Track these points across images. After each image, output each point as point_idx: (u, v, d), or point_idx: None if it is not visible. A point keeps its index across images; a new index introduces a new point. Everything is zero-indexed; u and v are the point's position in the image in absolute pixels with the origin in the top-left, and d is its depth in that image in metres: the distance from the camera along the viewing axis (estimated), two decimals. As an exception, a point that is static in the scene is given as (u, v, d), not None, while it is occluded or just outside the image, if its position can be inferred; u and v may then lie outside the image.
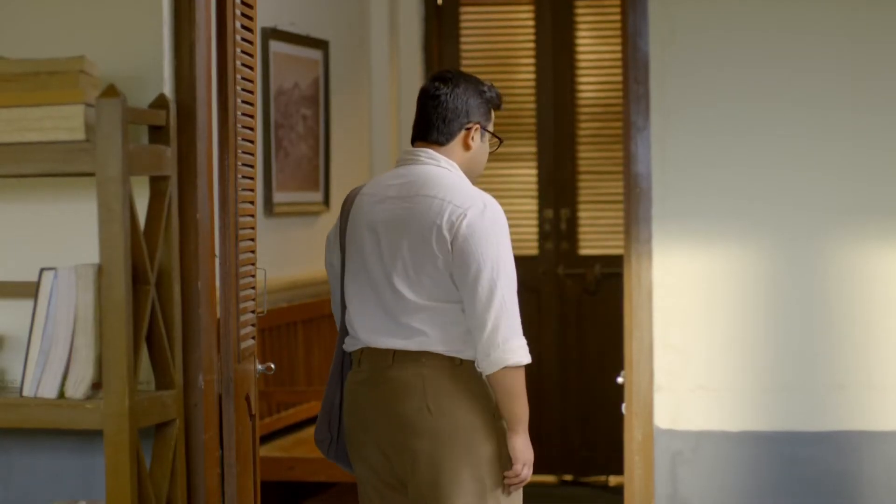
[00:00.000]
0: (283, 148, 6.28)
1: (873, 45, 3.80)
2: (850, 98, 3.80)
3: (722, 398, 3.82)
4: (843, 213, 3.80)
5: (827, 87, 3.75)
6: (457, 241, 3.29)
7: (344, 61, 6.89)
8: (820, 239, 3.77)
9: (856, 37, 3.77)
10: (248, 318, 3.84)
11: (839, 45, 3.73)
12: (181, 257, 3.40)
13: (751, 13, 3.77)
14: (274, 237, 6.16)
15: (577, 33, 7.35)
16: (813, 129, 3.77)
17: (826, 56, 3.75)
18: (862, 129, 3.83)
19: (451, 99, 3.46)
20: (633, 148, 3.47)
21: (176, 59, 3.44)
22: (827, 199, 3.82)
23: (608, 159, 7.31)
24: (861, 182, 3.86)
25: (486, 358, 3.31)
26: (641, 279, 3.56)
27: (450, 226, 3.30)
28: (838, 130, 3.75)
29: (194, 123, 3.41)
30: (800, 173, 3.82)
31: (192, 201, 3.41)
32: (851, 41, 3.74)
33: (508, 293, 3.30)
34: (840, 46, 3.72)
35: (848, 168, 3.77)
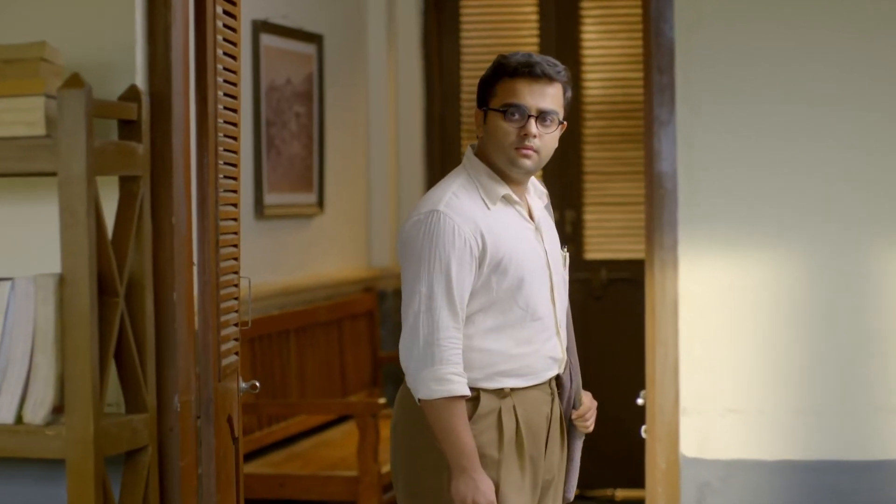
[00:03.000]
0: (275, 147, 6.22)
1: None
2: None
3: (755, 423, 3.55)
4: (890, 223, 3.51)
5: (877, 83, 3.46)
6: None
7: (339, 56, 6.83)
8: (864, 249, 3.54)
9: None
10: (230, 332, 3.64)
11: (887, 38, 3.45)
12: (154, 266, 3.27)
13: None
14: (265, 241, 6.13)
15: (582, 27, 7.25)
16: (860, 126, 3.49)
17: (873, 49, 3.46)
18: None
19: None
20: (655, 144, 3.17)
21: (149, 46, 3.29)
22: (872, 208, 3.55)
23: (615, 159, 7.23)
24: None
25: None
26: (666, 289, 3.28)
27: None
28: (890, 132, 3.47)
29: (169, 117, 3.26)
30: (843, 177, 3.55)
31: (166, 203, 3.26)
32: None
33: (425, 317, 3.18)
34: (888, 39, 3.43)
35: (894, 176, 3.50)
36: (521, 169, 3.28)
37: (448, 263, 3.17)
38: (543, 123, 3.26)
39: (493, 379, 3.27)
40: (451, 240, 3.18)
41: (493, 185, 3.30)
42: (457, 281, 3.19)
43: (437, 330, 3.16)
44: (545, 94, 3.26)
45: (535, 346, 3.30)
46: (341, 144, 6.89)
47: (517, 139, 3.25)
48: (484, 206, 3.27)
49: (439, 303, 3.17)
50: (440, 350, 3.17)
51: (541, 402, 3.35)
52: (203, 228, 3.45)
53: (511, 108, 3.26)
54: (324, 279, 6.67)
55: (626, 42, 7.17)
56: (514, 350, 3.27)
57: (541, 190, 3.47)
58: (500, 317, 3.25)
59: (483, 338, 3.25)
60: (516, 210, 3.33)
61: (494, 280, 3.23)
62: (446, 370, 3.17)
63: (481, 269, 3.22)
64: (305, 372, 6.32)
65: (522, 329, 3.27)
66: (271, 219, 6.21)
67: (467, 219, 3.21)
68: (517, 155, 3.26)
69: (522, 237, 3.31)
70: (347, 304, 6.78)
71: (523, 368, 3.30)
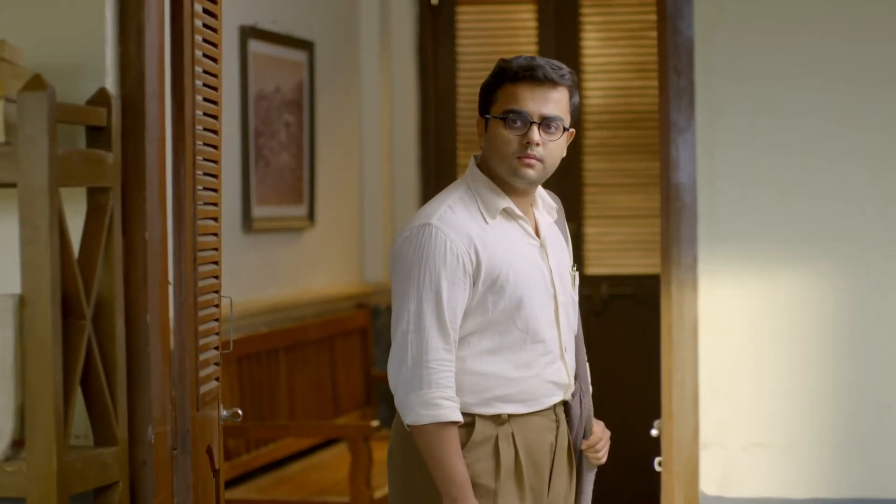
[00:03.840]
0: (264, 157, 6.21)
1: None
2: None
3: (783, 457, 3.33)
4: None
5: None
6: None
7: (330, 63, 6.81)
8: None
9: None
10: (210, 356, 3.47)
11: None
12: (126, 285, 3.11)
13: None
14: (253, 256, 6.10)
15: (582, 34, 7.23)
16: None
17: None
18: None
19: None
20: (672, 153, 2.96)
21: (120, 46, 3.11)
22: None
23: (617, 171, 7.21)
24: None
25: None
26: (684, 311, 3.07)
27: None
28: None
29: (142, 123, 3.10)
30: (879, 193, 3.32)
31: (139, 217, 3.11)
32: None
33: (414, 337, 3.13)
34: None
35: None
36: (524, 179, 3.20)
37: (438, 280, 3.11)
38: (547, 131, 3.19)
39: (489, 404, 3.19)
40: (443, 255, 3.12)
41: (493, 197, 3.23)
42: (448, 299, 3.12)
43: (426, 351, 3.10)
44: (548, 99, 3.19)
45: (536, 371, 3.22)
46: (333, 155, 6.86)
47: (519, 148, 3.18)
48: (482, 219, 3.20)
49: (428, 322, 3.11)
50: (429, 373, 3.10)
51: (543, 430, 3.27)
52: (179, 244, 3.30)
53: (512, 115, 3.18)
54: (314, 295, 6.66)
55: (627, 49, 7.20)
56: (512, 374, 3.19)
57: (550, 204, 3.37)
58: (498, 338, 3.18)
59: (478, 360, 3.18)
60: (519, 225, 3.25)
61: (490, 299, 3.16)
62: (435, 394, 3.10)
63: (476, 287, 3.15)
64: (295, 392, 6.28)
65: (522, 352, 3.20)
66: (260, 233, 6.19)
67: (461, 233, 3.15)
68: (519, 165, 3.19)
69: (524, 254, 3.23)
70: (339, 321, 6.75)
71: (522, 393, 3.21)
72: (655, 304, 7.58)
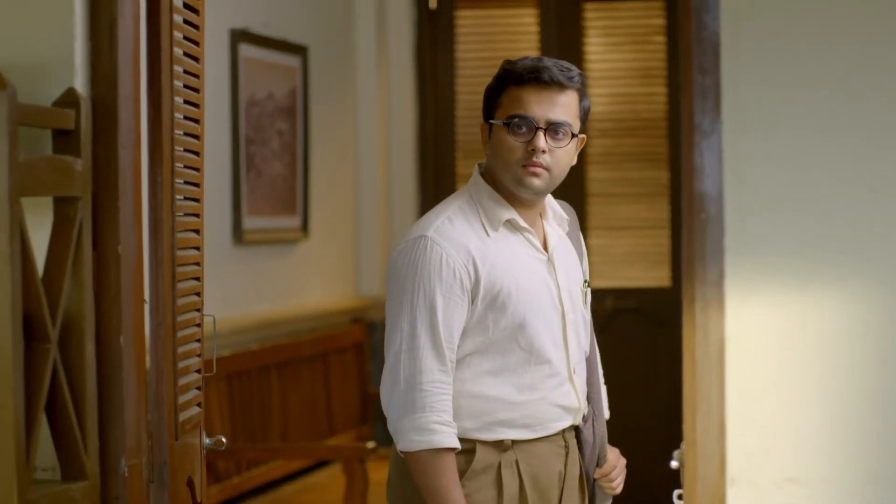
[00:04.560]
0: (255, 166, 6.15)
1: None
2: None
3: (819, 494, 3.04)
4: None
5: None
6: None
7: (325, 69, 6.77)
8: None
9: None
10: (190, 380, 3.27)
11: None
12: (97, 304, 2.92)
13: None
14: (244, 269, 6.04)
15: (585, 40, 7.19)
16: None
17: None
18: None
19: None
20: (696, 159, 2.72)
21: (91, 43, 2.90)
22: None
23: (621, 180, 7.17)
24: None
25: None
26: (709, 333, 2.82)
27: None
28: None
29: (115, 127, 2.89)
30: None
31: (111, 230, 2.91)
32: None
33: (407, 357, 3.04)
34: None
35: None
36: (529, 189, 3.10)
37: (433, 297, 3.02)
38: (554, 137, 3.10)
39: (490, 429, 3.10)
40: (438, 270, 3.03)
41: (496, 208, 3.13)
42: (443, 317, 3.03)
43: (420, 373, 3.01)
44: (555, 102, 3.10)
45: (541, 394, 3.13)
46: (327, 164, 6.80)
47: (524, 155, 3.09)
48: (483, 231, 3.10)
49: (422, 342, 3.02)
50: (422, 396, 3.01)
51: (550, 457, 3.17)
52: (157, 259, 3.11)
53: (517, 121, 3.09)
54: (308, 310, 6.60)
55: (632, 55, 7.16)
56: (514, 397, 3.10)
57: (561, 215, 3.27)
58: (499, 359, 3.09)
59: (478, 382, 3.08)
60: (525, 237, 3.15)
61: (491, 317, 3.07)
62: (429, 419, 3.01)
63: (474, 304, 3.06)
64: (288, 411, 6.19)
65: (525, 373, 3.10)
66: (251, 245, 6.11)
67: (459, 246, 3.06)
68: (524, 173, 3.09)
69: (528, 269, 3.13)
70: (334, 337, 6.70)
71: (526, 418, 3.12)
72: (662, 319, 7.61)
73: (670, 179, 7.12)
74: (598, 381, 3.36)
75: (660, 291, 7.17)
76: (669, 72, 7.09)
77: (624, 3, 7.21)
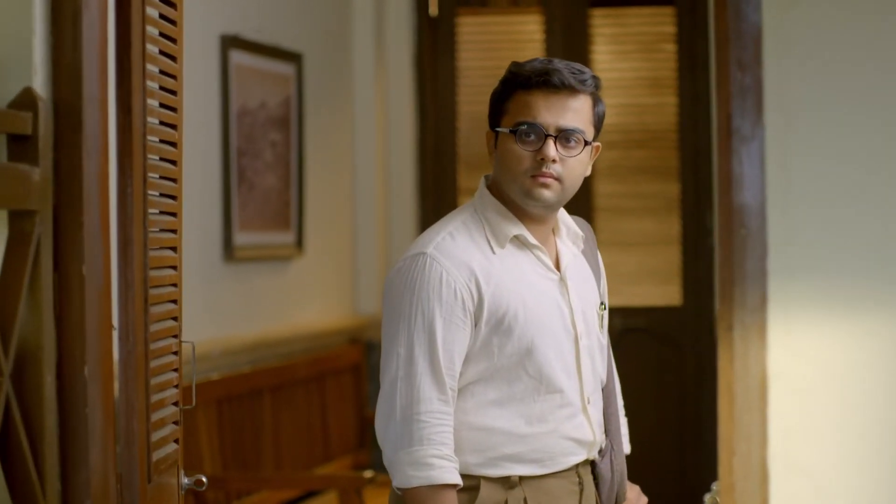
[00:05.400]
0: (247, 179, 6.01)
1: None
2: None
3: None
4: None
5: None
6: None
7: (321, 77, 6.67)
8: None
9: None
10: (166, 415, 3.05)
11: None
12: (58, 332, 2.70)
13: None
14: (235, 287, 5.90)
15: (592, 48, 7.08)
16: None
17: None
18: None
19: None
20: (735, 168, 2.46)
21: (52, 38, 2.67)
22: None
23: (630, 194, 7.07)
24: None
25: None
26: (749, 365, 2.55)
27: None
28: None
29: (79, 132, 2.66)
30: None
31: (74, 247, 2.70)
32: None
33: (403, 385, 2.89)
34: None
35: None
36: (539, 201, 2.95)
37: (432, 319, 2.89)
38: (566, 145, 2.95)
39: (496, 464, 2.96)
40: (438, 290, 2.90)
41: (503, 223, 2.99)
42: (443, 341, 2.89)
43: (417, 402, 2.88)
44: (566, 108, 2.97)
45: (552, 425, 2.99)
46: (323, 177, 6.68)
47: (533, 165, 2.95)
48: (488, 248, 2.96)
49: (420, 368, 2.89)
50: (420, 427, 2.87)
51: (562, 495, 3.03)
52: (126, 280, 2.89)
53: (524, 128, 2.96)
54: (303, 329, 6.48)
55: (641, 63, 7.09)
56: (522, 429, 2.96)
57: (576, 232, 3.11)
58: (505, 388, 2.95)
59: (483, 413, 2.94)
60: (534, 255, 3.01)
61: (496, 342, 2.93)
62: (427, 452, 2.88)
63: (478, 327, 2.92)
64: (282, 436, 6.04)
65: (534, 403, 2.97)
66: (242, 261, 5.97)
67: (460, 264, 2.92)
68: (533, 184, 2.95)
69: (538, 289, 2.98)
70: (330, 358, 6.58)
71: (535, 452, 2.98)
72: (672, 339, 7.40)
73: (681, 193, 7.06)
74: (616, 412, 3.19)
75: (669, 311, 7.08)
76: (680, 81, 7.05)
77: (632, 10, 7.12)
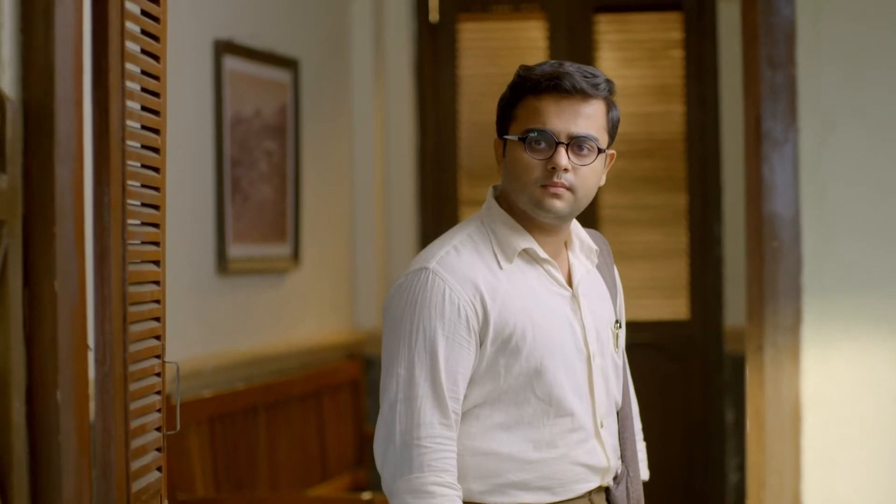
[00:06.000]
0: (241, 190, 5.95)
1: None
2: None
3: None
4: None
5: None
6: None
7: (318, 84, 6.64)
8: None
9: None
10: (148, 441, 2.85)
11: None
12: (28, 353, 2.54)
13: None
14: (229, 301, 5.82)
15: (597, 54, 6.99)
16: None
17: None
18: None
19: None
20: (765, 174, 2.28)
21: (22, 34, 2.51)
22: None
23: (635, 205, 6.99)
24: None
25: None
26: (782, 391, 2.38)
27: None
28: None
29: (51, 136, 2.50)
30: None
31: (46, 261, 2.53)
32: None
33: (403, 408, 2.79)
34: None
35: None
36: (550, 213, 2.85)
37: (434, 338, 2.79)
38: (578, 153, 2.85)
39: (502, 492, 2.86)
40: (440, 307, 2.80)
41: (511, 236, 2.89)
42: (446, 362, 2.80)
43: (418, 426, 2.78)
44: (579, 114, 2.86)
45: (562, 451, 2.88)
46: (320, 187, 6.63)
47: (543, 174, 2.85)
48: (495, 263, 2.86)
49: (421, 390, 2.79)
50: (420, 453, 2.77)
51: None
52: (104, 296, 2.71)
53: (534, 135, 2.86)
54: (299, 345, 6.43)
55: (647, 71, 7.02)
56: (530, 455, 2.85)
57: (590, 246, 2.99)
58: (513, 411, 2.85)
59: (489, 438, 2.84)
60: (544, 270, 2.90)
61: (502, 362, 2.83)
62: (427, 479, 2.78)
63: (483, 347, 2.82)
64: (277, 455, 5.95)
65: (543, 427, 2.87)
66: (237, 274, 5.89)
67: (465, 280, 2.83)
68: (543, 194, 2.85)
69: (548, 306, 2.88)
70: (327, 374, 6.53)
71: (544, 479, 2.87)
72: (679, 354, 7.24)
73: (688, 204, 6.96)
74: (633, 436, 3.06)
75: (676, 325, 6.95)
76: (687, 89, 6.96)
77: (638, 16, 7.04)
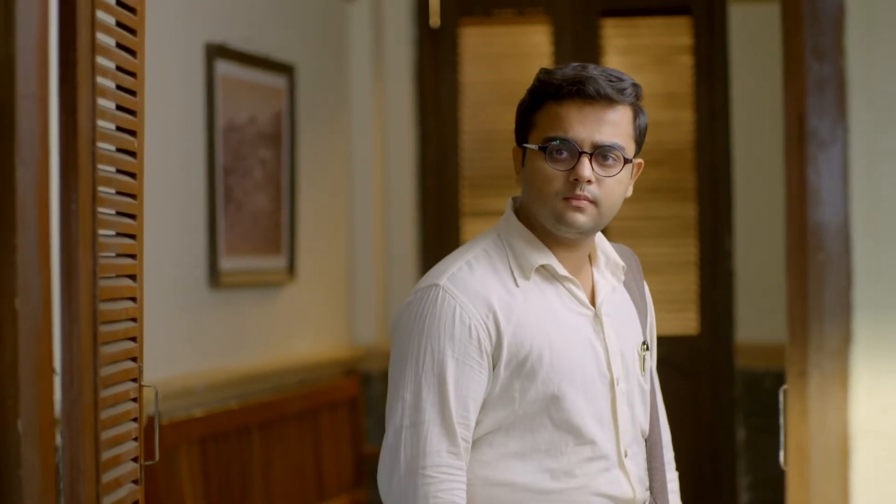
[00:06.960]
0: (235, 200, 5.82)
1: None
2: None
3: None
4: None
5: None
6: None
7: (315, 90, 6.52)
8: None
9: None
10: (122, 474, 2.63)
11: None
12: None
13: None
14: (221, 315, 5.70)
15: (604, 59, 6.83)
16: None
17: None
18: None
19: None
20: (810, 178, 2.03)
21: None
22: None
23: (643, 216, 6.82)
24: None
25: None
26: (827, 420, 2.11)
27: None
28: None
29: (12, 137, 2.27)
30: None
31: (6, 276, 2.30)
32: None
33: (409, 435, 2.68)
34: None
35: None
36: (572, 227, 2.73)
37: (443, 360, 2.68)
38: (602, 163, 2.73)
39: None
40: (450, 327, 2.69)
41: (529, 251, 2.77)
42: (455, 385, 2.68)
43: (424, 455, 2.67)
44: (603, 121, 2.74)
45: (581, 481, 2.75)
46: (317, 197, 6.52)
47: (565, 186, 2.73)
48: (511, 280, 2.74)
49: (428, 415, 2.68)
50: (426, 483, 2.66)
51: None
52: (71, 315, 2.47)
53: (555, 144, 2.74)
54: (295, 361, 6.31)
55: (656, 77, 6.87)
56: (547, 484, 2.73)
57: (616, 262, 2.85)
58: (528, 438, 2.73)
59: (502, 467, 2.73)
60: (564, 288, 2.77)
61: (517, 386, 2.71)
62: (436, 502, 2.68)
63: (496, 370, 2.70)
64: (272, 477, 5.81)
65: (561, 456, 2.74)
66: (229, 288, 5.76)
67: (477, 298, 2.71)
68: (565, 208, 2.74)
69: (568, 326, 2.75)
70: (325, 391, 6.39)
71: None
72: (689, 369, 6.98)
73: (698, 215, 6.76)
74: (662, 466, 2.89)
75: (686, 340, 6.76)
76: (697, 96, 6.77)
77: (646, 20, 6.88)
